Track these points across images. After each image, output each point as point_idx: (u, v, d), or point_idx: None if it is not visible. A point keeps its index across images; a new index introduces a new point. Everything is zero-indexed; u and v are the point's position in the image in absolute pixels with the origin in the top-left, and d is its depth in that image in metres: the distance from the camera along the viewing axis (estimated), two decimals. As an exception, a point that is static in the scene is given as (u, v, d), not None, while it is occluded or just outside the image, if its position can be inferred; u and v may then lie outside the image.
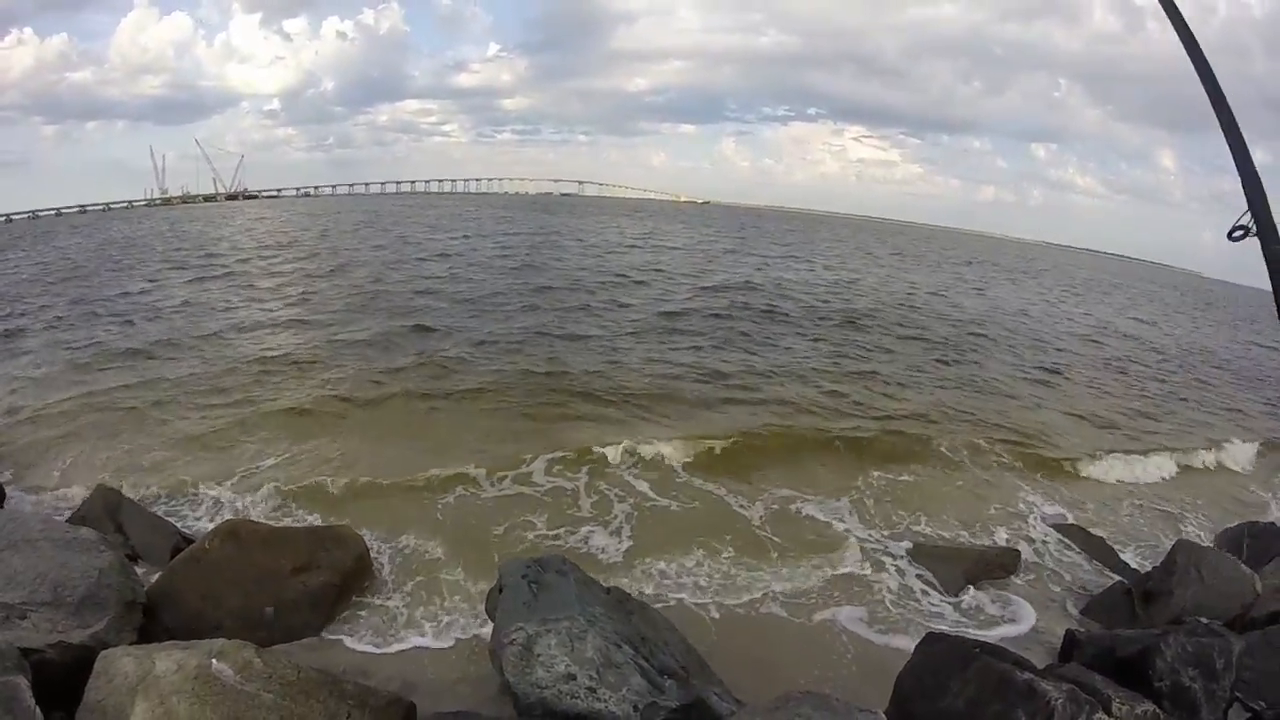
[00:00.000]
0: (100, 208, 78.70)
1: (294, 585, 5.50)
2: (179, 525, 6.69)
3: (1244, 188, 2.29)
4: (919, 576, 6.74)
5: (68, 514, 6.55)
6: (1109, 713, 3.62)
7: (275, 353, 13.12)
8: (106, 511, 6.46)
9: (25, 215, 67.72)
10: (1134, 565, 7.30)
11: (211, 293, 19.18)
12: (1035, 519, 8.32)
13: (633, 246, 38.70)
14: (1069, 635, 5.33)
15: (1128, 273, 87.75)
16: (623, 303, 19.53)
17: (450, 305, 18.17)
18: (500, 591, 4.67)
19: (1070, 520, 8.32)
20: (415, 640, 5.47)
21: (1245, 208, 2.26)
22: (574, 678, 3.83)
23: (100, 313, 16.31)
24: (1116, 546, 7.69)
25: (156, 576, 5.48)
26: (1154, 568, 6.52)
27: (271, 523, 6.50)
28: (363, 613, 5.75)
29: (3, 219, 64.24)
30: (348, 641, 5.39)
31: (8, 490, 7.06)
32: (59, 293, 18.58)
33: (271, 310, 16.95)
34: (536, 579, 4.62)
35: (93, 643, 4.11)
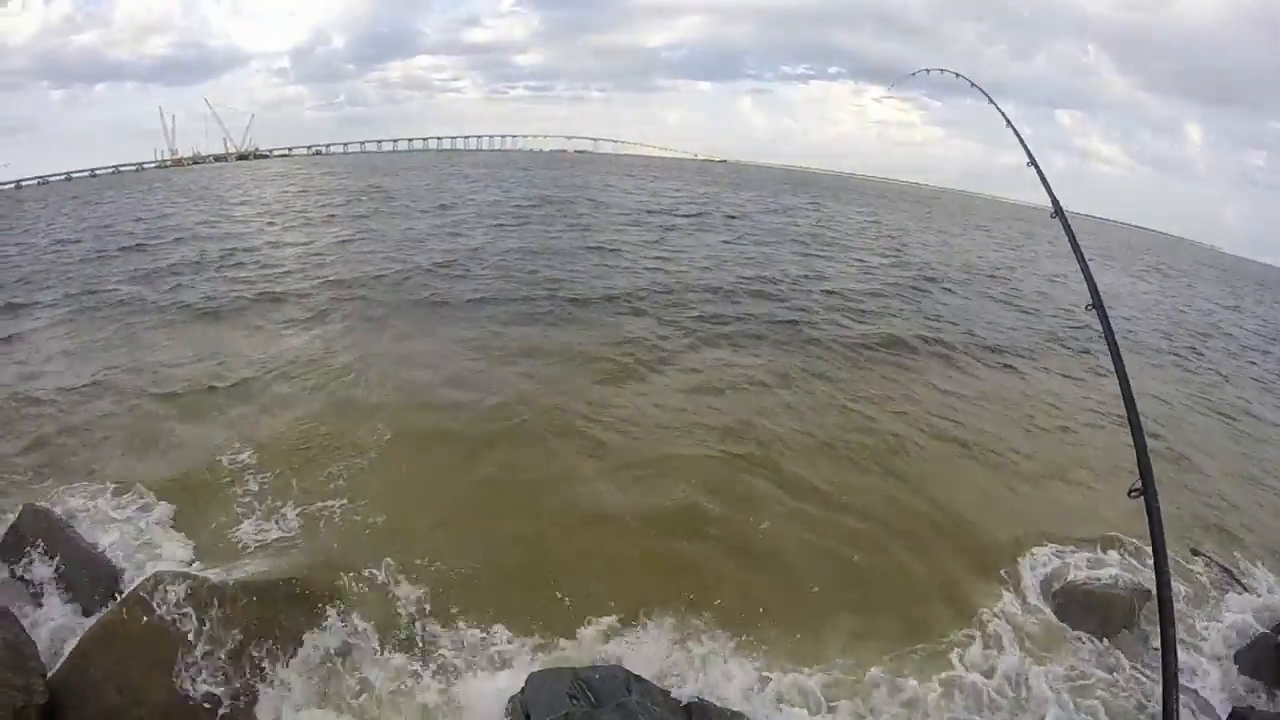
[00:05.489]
0: (110, 170, 76.83)
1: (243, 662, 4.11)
2: (122, 558, 5.40)
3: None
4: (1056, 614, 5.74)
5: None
6: None
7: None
8: (35, 538, 5.24)
9: (34, 181, 66.09)
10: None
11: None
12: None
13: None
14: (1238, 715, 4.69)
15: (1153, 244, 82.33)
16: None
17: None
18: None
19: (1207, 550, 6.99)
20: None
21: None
22: None
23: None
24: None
25: (62, 660, 4.19)
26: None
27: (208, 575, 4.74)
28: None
29: (12, 185, 62.72)
30: None
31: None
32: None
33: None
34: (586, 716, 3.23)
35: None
